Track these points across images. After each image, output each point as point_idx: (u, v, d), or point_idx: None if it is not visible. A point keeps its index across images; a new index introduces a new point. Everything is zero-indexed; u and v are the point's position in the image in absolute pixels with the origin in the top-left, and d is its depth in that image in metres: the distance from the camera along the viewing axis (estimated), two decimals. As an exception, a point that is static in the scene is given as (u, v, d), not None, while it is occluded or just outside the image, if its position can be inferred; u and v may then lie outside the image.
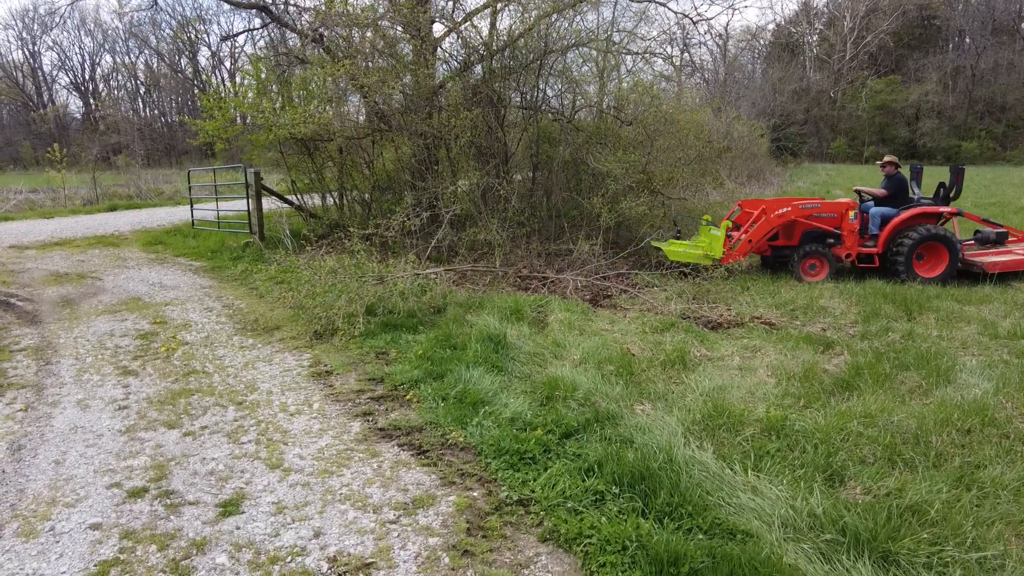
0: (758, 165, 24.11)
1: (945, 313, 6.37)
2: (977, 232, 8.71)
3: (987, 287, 7.47)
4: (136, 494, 3.29)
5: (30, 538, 2.93)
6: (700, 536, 2.81)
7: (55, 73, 60.06)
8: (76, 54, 69.11)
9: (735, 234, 8.28)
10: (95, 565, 2.74)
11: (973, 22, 48.19)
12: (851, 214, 8.19)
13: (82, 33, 57.82)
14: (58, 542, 2.90)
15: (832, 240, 8.28)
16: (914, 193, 8.63)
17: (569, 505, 3.06)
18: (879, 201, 8.61)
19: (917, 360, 4.80)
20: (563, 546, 2.83)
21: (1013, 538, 2.77)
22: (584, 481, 3.23)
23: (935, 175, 10.86)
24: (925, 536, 2.71)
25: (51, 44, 67.79)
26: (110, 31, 54.16)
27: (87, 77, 54.12)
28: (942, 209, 8.22)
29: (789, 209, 8.21)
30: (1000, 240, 8.57)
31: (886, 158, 8.73)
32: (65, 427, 4.11)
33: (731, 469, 3.30)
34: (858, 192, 9.17)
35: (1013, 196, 18.48)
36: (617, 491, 3.13)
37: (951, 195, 8.37)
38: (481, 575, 2.65)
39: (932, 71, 47.69)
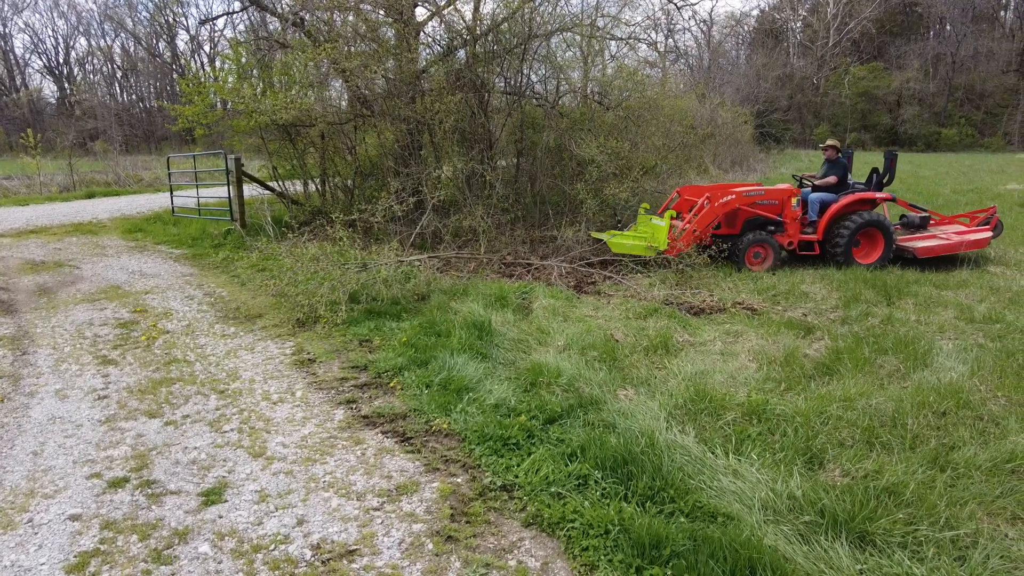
0: (742, 151, 24.13)
1: (923, 298, 6.47)
2: (902, 217, 8.76)
3: (964, 272, 7.59)
4: (117, 484, 3.26)
5: (8, 530, 2.90)
6: (681, 519, 2.84)
7: (28, 56, 58.56)
8: (49, 37, 67.45)
9: (678, 224, 8.08)
10: (75, 556, 2.71)
11: (954, 9, 48.52)
12: (793, 201, 8.09)
13: (55, 15, 56.54)
14: (37, 534, 2.87)
15: (773, 228, 8.16)
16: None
17: (552, 490, 3.08)
18: (815, 187, 8.52)
19: (896, 344, 4.88)
20: (546, 530, 2.85)
21: (985, 517, 2.84)
22: (567, 466, 3.25)
23: (919, 163, 10.95)
24: (901, 516, 2.77)
25: (23, 26, 66.19)
26: (84, 13, 52.99)
27: (61, 60, 52.77)
28: (877, 195, 8.22)
29: (733, 197, 8.04)
30: (923, 224, 8.64)
31: (828, 142, 8.62)
32: (43, 417, 4.05)
33: (712, 453, 3.34)
34: (796, 178, 9.09)
35: (990, 182, 18.74)
36: (600, 476, 3.16)
37: (884, 181, 8.40)
38: (465, 560, 2.66)
39: (914, 58, 48.04)
